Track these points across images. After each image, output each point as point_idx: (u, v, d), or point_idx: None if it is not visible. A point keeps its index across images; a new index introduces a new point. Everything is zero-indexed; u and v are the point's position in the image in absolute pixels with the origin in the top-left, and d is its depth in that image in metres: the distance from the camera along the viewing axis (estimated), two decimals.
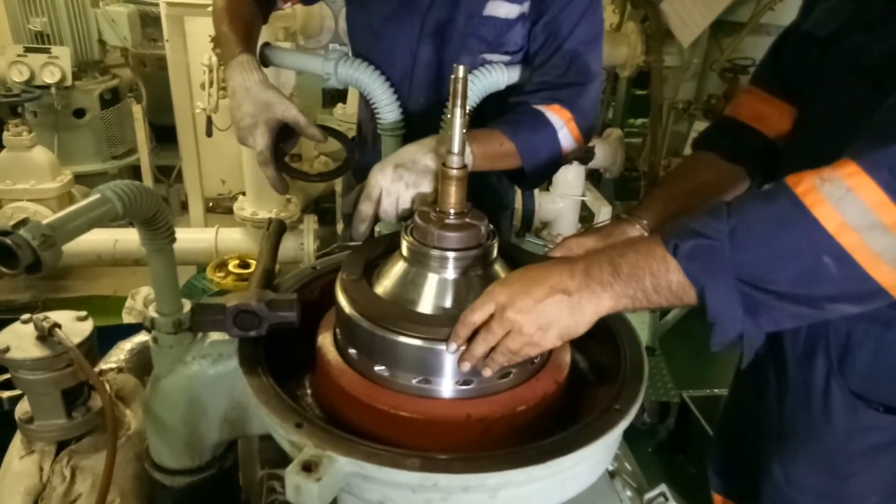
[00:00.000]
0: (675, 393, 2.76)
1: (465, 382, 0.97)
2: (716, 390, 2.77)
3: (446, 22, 1.46)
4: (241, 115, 1.28)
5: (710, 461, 1.56)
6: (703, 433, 2.57)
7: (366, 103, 1.70)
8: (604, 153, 3.53)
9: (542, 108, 1.40)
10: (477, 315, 0.91)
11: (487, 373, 0.94)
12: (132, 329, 1.54)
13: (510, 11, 1.43)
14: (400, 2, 1.47)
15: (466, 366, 0.93)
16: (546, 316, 0.88)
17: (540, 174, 1.43)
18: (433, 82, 1.52)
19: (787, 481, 1.23)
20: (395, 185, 1.21)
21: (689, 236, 0.81)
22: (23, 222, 0.76)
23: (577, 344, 1.13)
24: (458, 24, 1.46)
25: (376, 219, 1.26)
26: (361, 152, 1.74)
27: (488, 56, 1.47)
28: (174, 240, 1.01)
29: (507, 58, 1.48)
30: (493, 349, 0.92)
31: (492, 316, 0.90)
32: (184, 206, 4.31)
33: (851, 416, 1.12)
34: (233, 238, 3.35)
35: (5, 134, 3.62)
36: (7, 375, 1.16)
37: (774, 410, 1.27)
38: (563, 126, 1.39)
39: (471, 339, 0.92)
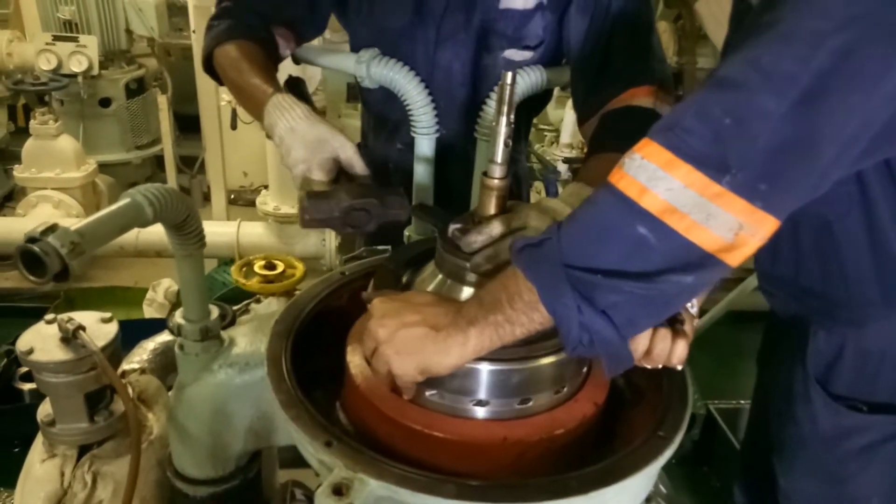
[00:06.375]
0: (700, 404, 2.70)
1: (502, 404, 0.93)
2: (742, 402, 2.70)
3: (464, 22, 1.41)
4: (293, 161, 1.13)
5: (736, 479, 1.53)
6: (729, 445, 2.51)
7: (377, 111, 1.65)
8: None
9: (634, 102, 1.29)
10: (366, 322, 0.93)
11: None
12: (153, 324, 1.52)
13: (527, 2, 1.38)
14: (414, 10, 1.42)
15: None
16: (406, 344, 0.87)
17: None
18: (453, 87, 1.48)
19: (794, 491, 1.24)
20: None
21: (523, 240, 0.84)
22: (51, 229, 0.73)
23: None
24: (474, 23, 1.41)
25: None
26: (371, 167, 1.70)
27: (509, 52, 1.43)
28: (204, 245, 0.98)
29: (529, 53, 1.43)
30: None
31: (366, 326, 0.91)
32: (206, 198, 4.31)
33: (836, 419, 1.14)
34: (255, 232, 3.33)
35: (32, 122, 3.64)
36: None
37: (772, 424, 1.29)
38: (662, 107, 1.30)
39: None
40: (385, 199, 1.01)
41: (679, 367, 0.95)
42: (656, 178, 0.76)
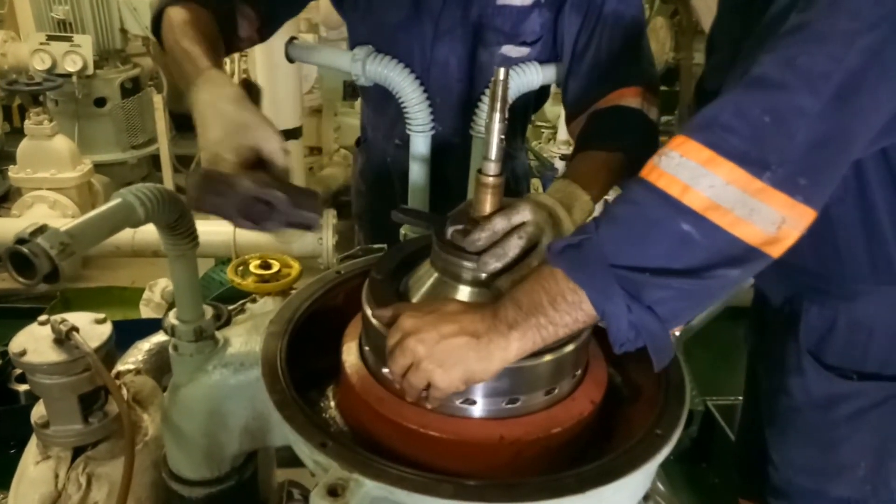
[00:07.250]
0: (698, 401, 2.69)
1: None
2: (740, 398, 2.69)
3: (461, 17, 1.41)
4: (205, 141, 0.94)
5: (734, 465, 1.56)
6: (727, 442, 2.51)
7: (374, 106, 1.65)
8: None
9: (622, 102, 1.28)
10: (391, 340, 0.89)
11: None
12: (150, 324, 1.51)
13: None
14: (412, 5, 1.42)
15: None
16: (450, 356, 0.85)
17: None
18: (450, 83, 1.48)
19: (783, 463, 1.27)
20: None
21: (562, 241, 0.85)
22: (40, 230, 0.72)
23: (612, 358, 1.08)
24: (471, 19, 1.41)
25: None
26: (369, 161, 1.71)
27: (506, 48, 1.43)
28: (197, 245, 0.97)
29: (526, 50, 1.43)
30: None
31: (398, 342, 0.87)
32: None
33: (827, 387, 1.17)
34: (251, 232, 3.32)
35: (26, 122, 3.62)
36: None
37: (764, 398, 1.32)
38: (650, 108, 1.30)
39: None
40: (296, 196, 0.88)
41: (677, 333, 0.97)
42: (698, 176, 0.77)
